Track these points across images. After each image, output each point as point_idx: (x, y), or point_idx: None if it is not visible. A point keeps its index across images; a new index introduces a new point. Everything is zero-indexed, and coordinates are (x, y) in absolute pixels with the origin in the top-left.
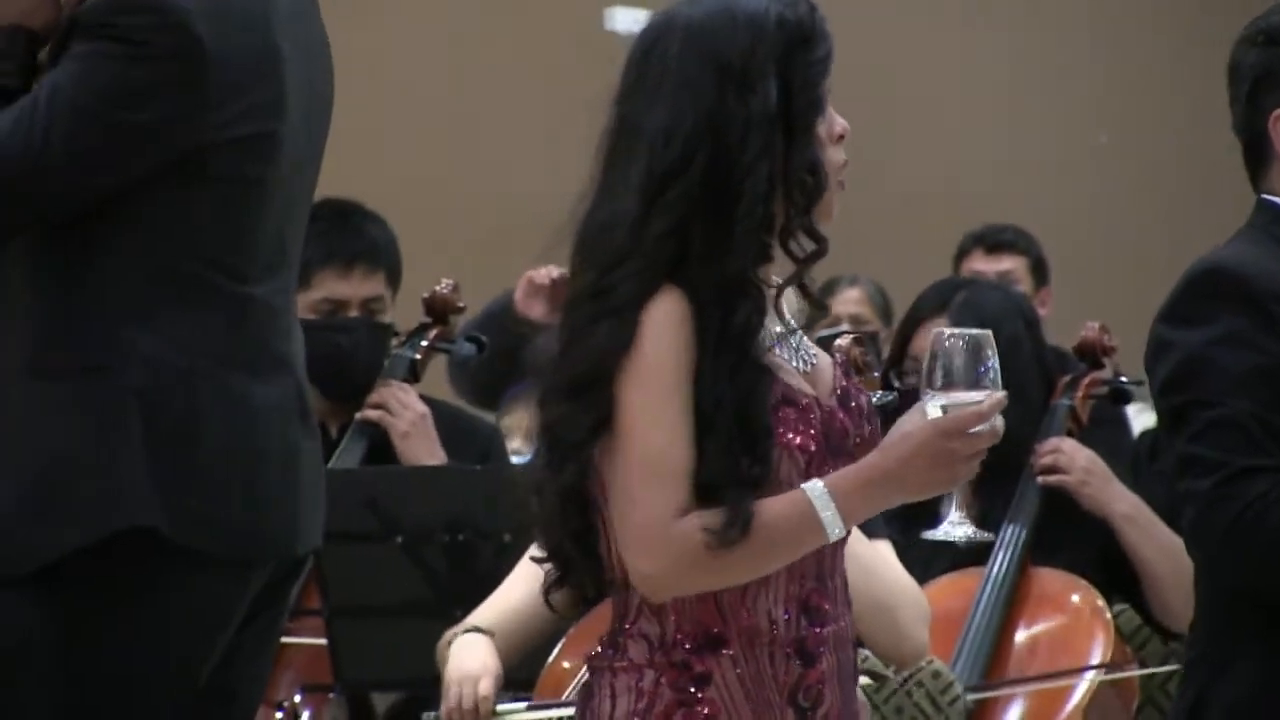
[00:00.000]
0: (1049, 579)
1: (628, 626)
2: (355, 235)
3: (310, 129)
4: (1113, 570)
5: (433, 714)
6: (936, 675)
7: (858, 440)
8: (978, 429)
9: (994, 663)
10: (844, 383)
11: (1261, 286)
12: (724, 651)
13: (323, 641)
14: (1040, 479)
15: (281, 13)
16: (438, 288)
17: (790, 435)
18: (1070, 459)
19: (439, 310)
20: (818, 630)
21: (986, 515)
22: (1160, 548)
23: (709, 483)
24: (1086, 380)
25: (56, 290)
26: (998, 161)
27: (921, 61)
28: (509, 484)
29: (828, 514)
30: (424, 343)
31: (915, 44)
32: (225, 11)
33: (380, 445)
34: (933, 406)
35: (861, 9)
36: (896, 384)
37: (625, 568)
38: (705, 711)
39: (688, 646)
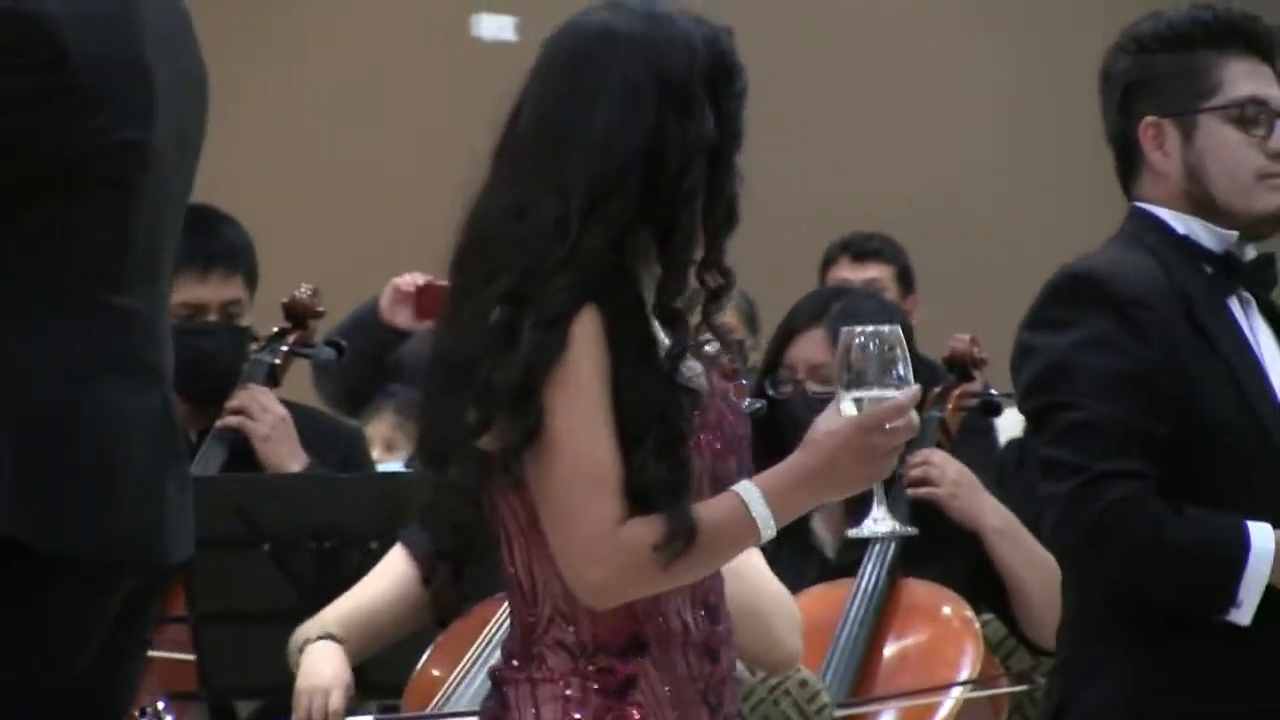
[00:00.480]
0: (919, 590)
1: (540, 635)
2: (212, 238)
3: (181, 138)
4: (981, 582)
5: None
6: (804, 684)
7: (744, 436)
8: (896, 423)
9: (863, 675)
10: (719, 383)
11: (1124, 290)
12: (644, 655)
13: (189, 657)
14: (910, 491)
15: (152, 22)
16: (297, 292)
17: (700, 433)
18: (940, 471)
19: (298, 315)
20: (718, 629)
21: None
22: (1029, 562)
23: (639, 490)
24: (957, 392)
25: None
26: (870, 168)
27: (800, 68)
28: (383, 491)
29: (763, 515)
30: (283, 348)
31: (794, 50)
32: (92, 21)
33: (240, 450)
34: (847, 404)
35: (743, 16)
36: (771, 392)
37: (531, 578)
38: (636, 715)
39: (609, 652)
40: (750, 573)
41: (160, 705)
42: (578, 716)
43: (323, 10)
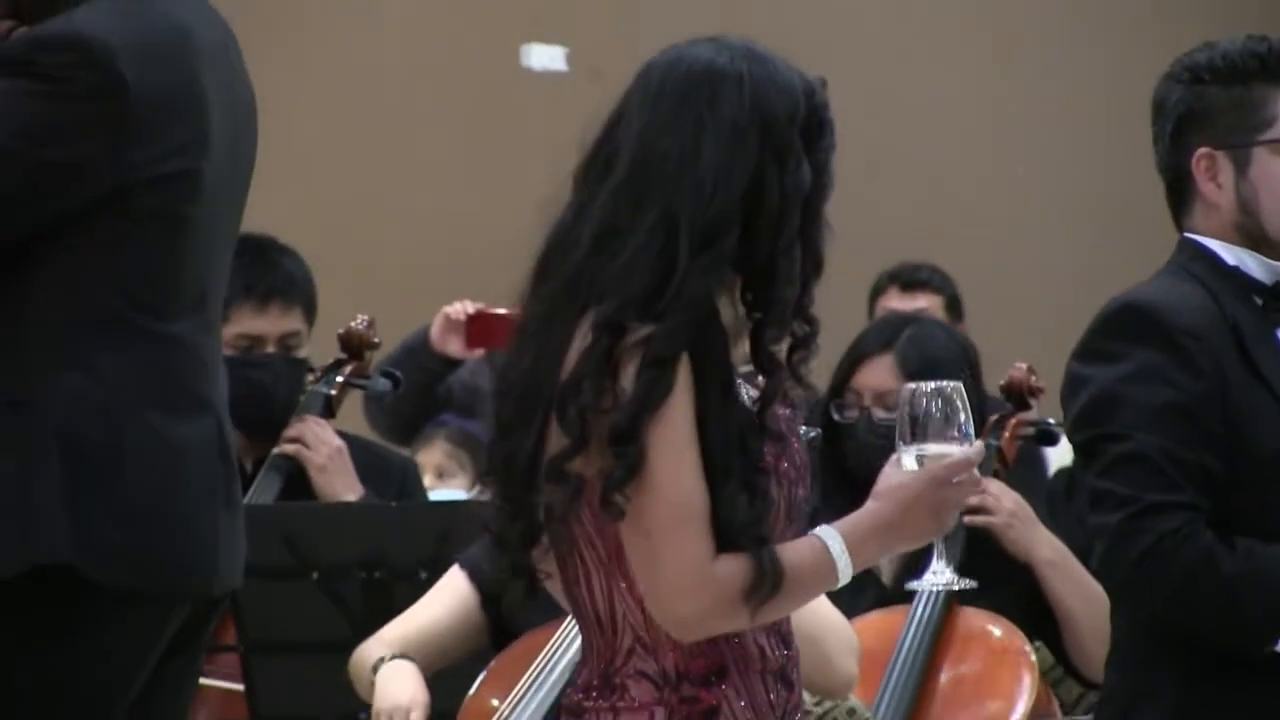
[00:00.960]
0: (974, 619)
1: (620, 666)
2: (271, 270)
3: (233, 167)
4: (1034, 613)
5: None
6: (852, 713)
7: (801, 466)
8: (962, 478)
9: (918, 703)
10: (786, 411)
11: (1175, 321)
12: (726, 682)
13: (237, 686)
14: (966, 519)
15: (204, 52)
16: (353, 324)
17: (778, 462)
18: (997, 501)
19: (355, 346)
20: (790, 653)
21: (915, 555)
22: (1081, 594)
23: (726, 526)
24: (1014, 421)
25: None
26: (917, 197)
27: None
28: (432, 520)
29: (843, 561)
30: (339, 379)
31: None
32: (148, 49)
33: (296, 480)
34: (909, 458)
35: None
36: (836, 416)
37: (611, 609)
38: None
39: (693, 680)
40: None
41: None
42: None
43: (371, 42)
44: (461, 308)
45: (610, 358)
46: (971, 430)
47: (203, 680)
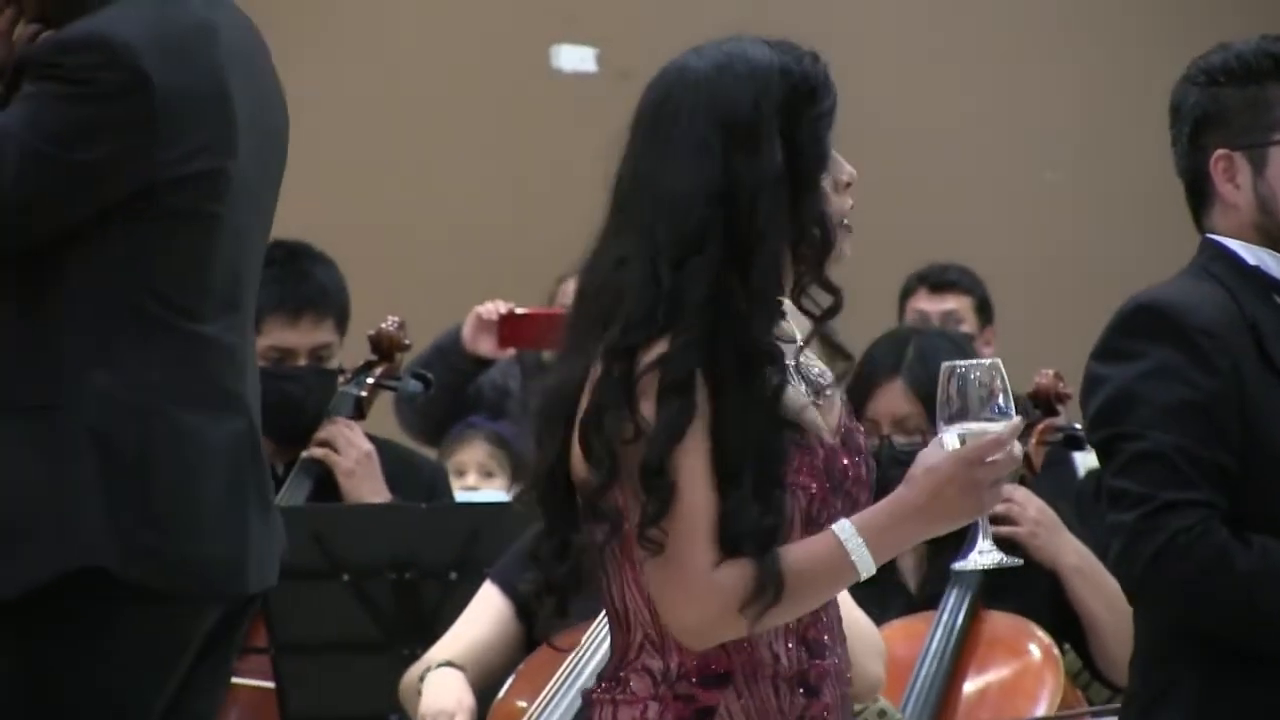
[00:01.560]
0: (1001, 623)
1: (630, 661)
2: (304, 281)
3: (263, 166)
4: (1060, 619)
5: None
6: (883, 714)
7: (855, 480)
8: (997, 456)
9: (944, 708)
10: (848, 423)
11: (1191, 320)
12: (728, 686)
13: (269, 684)
14: (991, 528)
15: (229, 51)
16: (384, 325)
17: (796, 475)
18: (1021, 509)
19: (385, 348)
20: (819, 663)
21: (939, 560)
22: (1107, 601)
23: (733, 533)
24: (1041, 426)
25: (7, 328)
26: (946, 198)
27: (872, 98)
28: (461, 522)
29: (859, 554)
30: (370, 380)
31: (866, 80)
32: (173, 49)
33: (326, 482)
34: (950, 437)
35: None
36: None
37: (625, 605)
38: None
39: (693, 680)
40: None
41: None
42: None
43: (401, 44)
44: (494, 307)
45: (628, 386)
46: (1011, 407)
47: (235, 679)
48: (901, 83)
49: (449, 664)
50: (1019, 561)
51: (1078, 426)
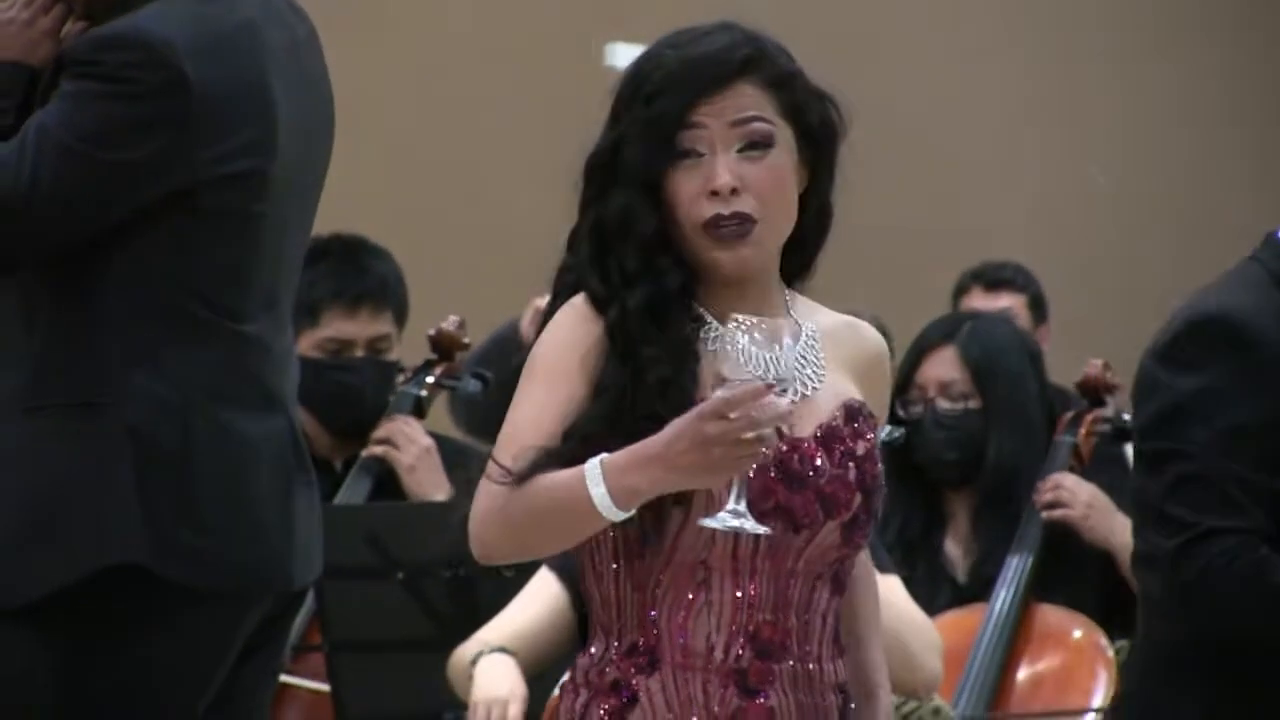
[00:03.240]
0: (1052, 616)
1: (586, 648)
2: (362, 273)
3: (306, 165)
4: (1114, 607)
5: None
6: (937, 712)
7: (833, 480)
8: (734, 415)
9: (997, 701)
10: (839, 424)
11: (1261, 339)
12: (655, 673)
13: (324, 687)
14: (1044, 514)
15: (273, 48)
16: (444, 324)
17: None
18: (1073, 494)
19: (445, 347)
20: (767, 664)
21: (989, 551)
22: None
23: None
24: (1089, 417)
25: (49, 327)
26: (995, 196)
27: (919, 97)
28: None
29: (597, 490)
30: (430, 379)
31: (913, 78)
32: (213, 47)
33: (386, 480)
34: (723, 389)
35: (858, 41)
36: (902, 414)
37: (588, 591)
38: None
39: (620, 666)
40: (889, 598)
41: None
42: None
43: (454, 42)
44: None
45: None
46: (789, 375)
47: (292, 680)
48: (950, 81)
49: (502, 649)
50: (764, 530)
51: (1127, 418)
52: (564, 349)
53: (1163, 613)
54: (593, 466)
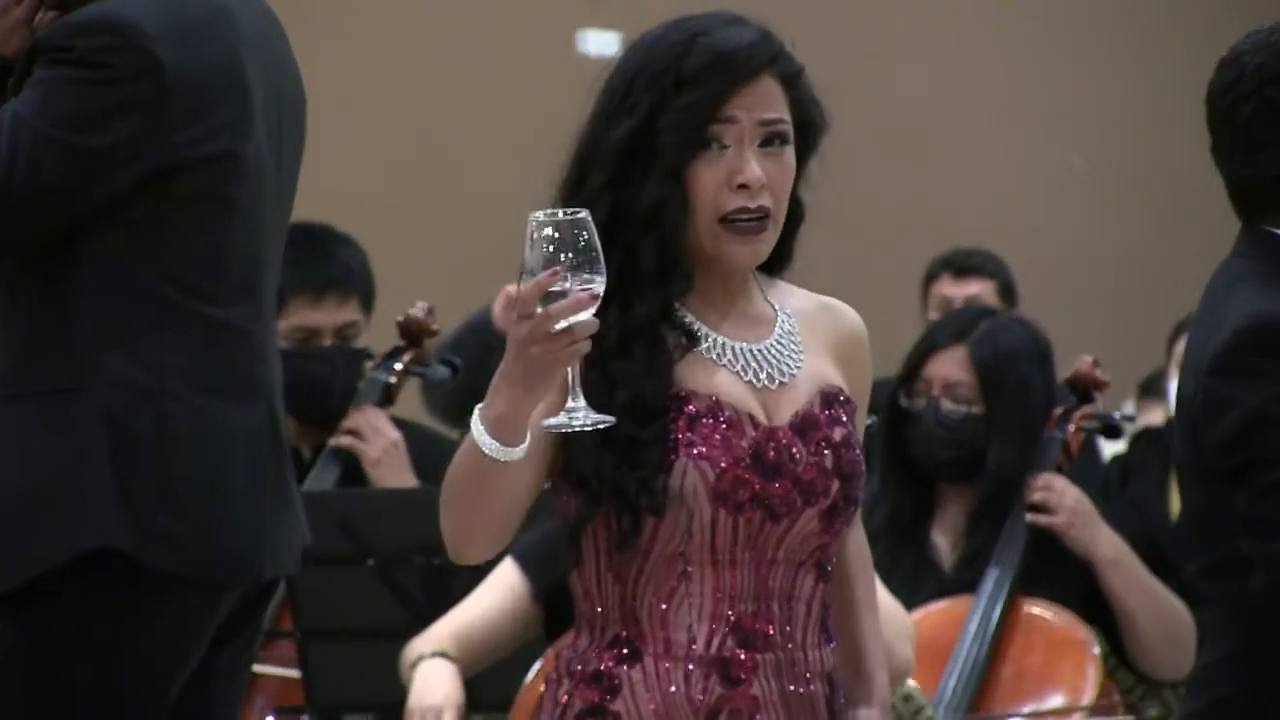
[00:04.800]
0: (1037, 610)
1: (572, 641)
2: (327, 261)
3: (280, 150)
4: (1094, 609)
5: None
6: (908, 698)
7: (810, 467)
8: (531, 309)
9: (981, 695)
10: (816, 411)
11: None
12: (637, 663)
13: (291, 673)
14: (1029, 517)
15: (245, 34)
16: (412, 311)
17: (700, 447)
18: (1059, 499)
19: (414, 333)
20: (750, 654)
21: (976, 545)
22: (1142, 593)
23: None
24: (1078, 414)
25: (27, 313)
26: (970, 185)
27: (897, 88)
28: None
29: (477, 428)
30: (398, 366)
31: (892, 64)
32: (186, 31)
33: (354, 468)
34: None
35: (837, 31)
36: (904, 402)
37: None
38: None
39: (603, 657)
40: None
41: None
42: (561, 716)
43: (426, 28)
44: None
45: None
46: (590, 265)
47: (260, 668)
48: (930, 69)
49: (443, 654)
50: (610, 420)
51: (1116, 415)
52: None
53: (1261, 615)
54: (474, 416)
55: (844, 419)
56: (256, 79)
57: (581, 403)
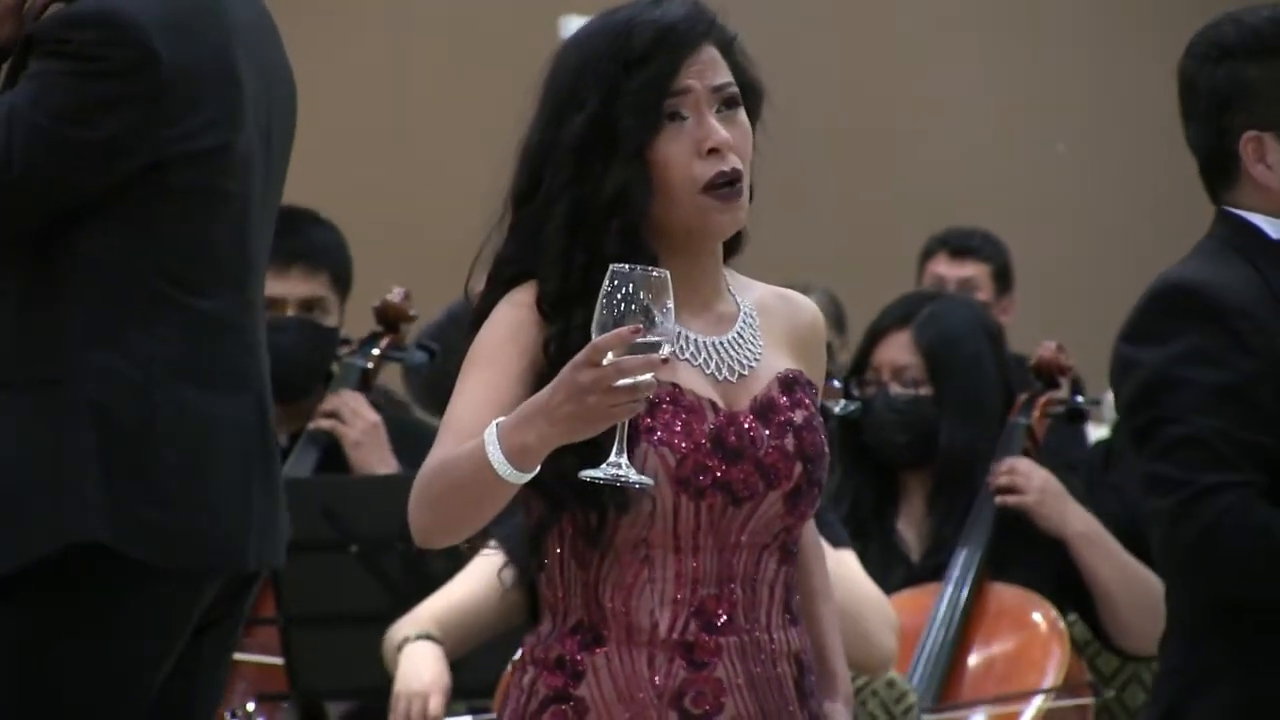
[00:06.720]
0: (1006, 595)
1: (537, 626)
2: (295, 235)
3: (270, 141)
4: (1068, 588)
5: None
6: (891, 684)
7: (771, 450)
8: (605, 363)
9: (950, 680)
10: (775, 394)
11: (1225, 300)
12: (600, 649)
13: (277, 660)
14: (997, 499)
15: (236, 25)
16: (389, 296)
17: (660, 433)
18: (1026, 479)
19: (390, 319)
20: (713, 637)
21: (942, 531)
22: (1116, 568)
23: None
24: (1043, 399)
25: (15, 303)
26: (958, 170)
27: (884, 70)
28: None
29: (493, 448)
30: (375, 351)
31: (879, 52)
32: (181, 24)
33: (332, 453)
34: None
35: (824, 17)
36: (856, 393)
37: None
38: (575, 707)
39: (566, 643)
40: (843, 574)
41: (250, 707)
42: (524, 705)
43: (409, 15)
44: None
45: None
46: (665, 326)
47: (241, 655)
48: (919, 55)
49: (429, 636)
50: (649, 481)
51: (1080, 400)
52: (504, 343)
53: (1170, 582)
54: (490, 430)
55: (805, 402)
56: (248, 70)
57: (624, 458)
